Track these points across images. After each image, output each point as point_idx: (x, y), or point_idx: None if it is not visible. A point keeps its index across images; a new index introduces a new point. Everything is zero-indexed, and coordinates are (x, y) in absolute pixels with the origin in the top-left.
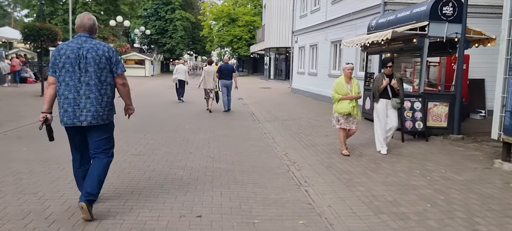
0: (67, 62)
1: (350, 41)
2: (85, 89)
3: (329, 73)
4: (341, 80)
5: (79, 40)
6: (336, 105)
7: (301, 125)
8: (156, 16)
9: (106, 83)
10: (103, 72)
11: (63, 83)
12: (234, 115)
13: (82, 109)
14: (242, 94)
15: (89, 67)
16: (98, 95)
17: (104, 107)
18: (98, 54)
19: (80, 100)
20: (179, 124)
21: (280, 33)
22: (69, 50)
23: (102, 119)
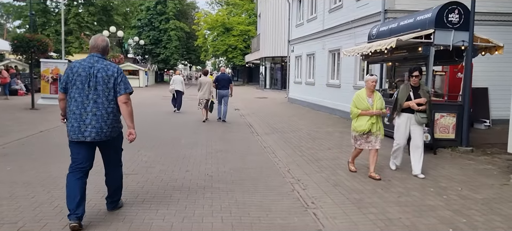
0: (78, 79)
1: (350, 50)
2: (92, 106)
3: (327, 83)
4: (361, 94)
5: (91, 60)
6: (354, 123)
7: (302, 137)
8: (150, 26)
9: (113, 102)
10: (111, 92)
11: (72, 99)
12: (231, 127)
13: (87, 125)
14: (238, 104)
15: (98, 86)
16: (104, 113)
17: (109, 125)
18: (107, 74)
19: (86, 117)
20: (175, 138)
21: (276, 43)
22: (81, 68)
23: (105, 136)
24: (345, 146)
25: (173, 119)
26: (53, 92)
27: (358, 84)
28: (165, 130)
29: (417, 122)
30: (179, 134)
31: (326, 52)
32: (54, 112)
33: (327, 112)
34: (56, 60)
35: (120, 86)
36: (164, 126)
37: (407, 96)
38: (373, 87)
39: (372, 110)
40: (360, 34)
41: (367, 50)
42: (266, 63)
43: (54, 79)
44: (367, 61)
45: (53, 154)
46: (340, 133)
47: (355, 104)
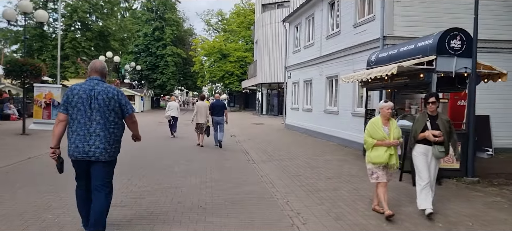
0: (79, 101)
1: (349, 76)
2: (95, 128)
3: (325, 109)
4: (376, 122)
5: (91, 83)
6: (369, 153)
7: (300, 165)
8: (147, 52)
9: (114, 123)
10: (111, 113)
11: (75, 121)
12: (227, 154)
13: (91, 145)
14: (234, 130)
15: (99, 108)
16: (107, 134)
17: (111, 145)
18: (108, 96)
19: (90, 137)
20: (168, 165)
21: (272, 69)
22: (82, 91)
23: (109, 156)
24: (345, 175)
25: (167, 145)
26: (45, 117)
27: (356, 111)
28: (159, 156)
29: (435, 156)
30: (173, 161)
31: (323, 79)
32: (45, 137)
33: (325, 139)
34: (49, 85)
35: (126, 107)
36: (157, 152)
37: (423, 126)
38: (389, 115)
39: (389, 141)
40: (358, 60)
41: (366, 76)
42: (263, 90)
43: (47, 104)
44: (366, 88)
45: (38, 182)
46: (338, 161)
47: (370, 134)
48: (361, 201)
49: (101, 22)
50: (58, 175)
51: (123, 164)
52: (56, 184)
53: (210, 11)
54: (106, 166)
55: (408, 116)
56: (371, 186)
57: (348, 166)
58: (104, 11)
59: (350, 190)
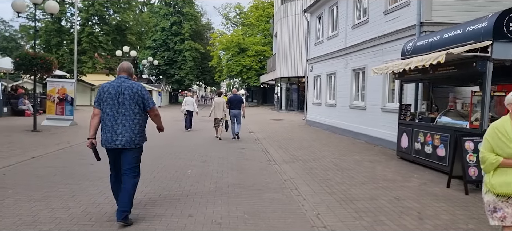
0: (109, 97)
1: (382, 67)
2: (121, 119)
3: (350, 105)
4: (504, 128)
5: (119, 80)
6: (489, 178)
7: (327, 167)
8: (165, 46)
9: (139, 115)
10: (136, 106)
11: (105, 113)
12: (246, 153)
13: (118, 135)
14: (253, 127)
15: (125, 101)
16: (132, 124)
17: (136, 134)
18: (133, 91)
19: (117, 128)
20: (180, 167)
21: (292, 62)
22: (111, 88)
23: (134, 143)
24: (380, 180)
25: (181, 143)
26: (59, 113)
27: (387, 106)
28: (171, 156)
29: None
30: (186, 162)
31: (349, 71)
32: (56, 134)
33: (351, 137)
34: (62, 80)
35: (148, 102)
36: (170, 152)
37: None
38: None
39: None
40: (389, 50)
41: (404, 66)
42: (282, 84)
43: (61, 100)
44: (401, 80)
45: (33, 188)
46: (370, 163)
47: (492, 147)
48: (407, 215)
49: (118, 16)
50: (56, 179)
51: None
52: (52, 190)
53: (228, 5)
54: (132, 153)
55: (452, 112)
56: (415, 195)
57: (381, 168)
58: (121, 5)
59: (390, 199)
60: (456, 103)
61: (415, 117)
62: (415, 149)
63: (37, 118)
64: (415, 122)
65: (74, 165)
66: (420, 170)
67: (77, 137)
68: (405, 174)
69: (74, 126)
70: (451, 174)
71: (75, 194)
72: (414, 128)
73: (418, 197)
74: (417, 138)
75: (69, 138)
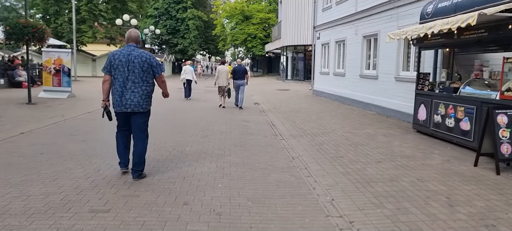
0: (119, 64)
1: (399, 32)
2: (130, 85)
3: (361, 74)
4: None
5: (129, 49)
6: None
7: (338, 142)
8: (167, 15)
9: (146, 82)
10: (145, 74)
11: (116, 80)
12: (250, 127)
13: (127, 99)
14: (258, 98)
15: (135, 69)
16: (140, 90)
17: (144, 99)
18: (142, 60)
19: (126, 93)
20: (178, 143)
21: (298, 30)
22: (122, 55)
23: (142, 108)
24: (398, 157)
25: (182, 115)
26: (55, 84)
27: (401, 75)
28: (170, 131)
29: None
30: (186, 137)
31: (359, 38)
32: (52, 107)
33: (361, 108)
34: (58, 50)
35: (157, 69)
36: (170, 126)
37: None
38: None
39: None
40: (404, 15)
41: (426, 30)
42: (288, 53)
43: (57, 70)
44: (419, 46)
45: (14, 169)
46: (384, 137)
47: None
48: (434, 200)
49: None
50: (41, 159)
51: None
52: (33, 172)
53: None
54: (141, 116)
55: (477, 81)
56: (440, 175)
57: (397, 143)
58: None
59: (412, 180)
60: (483, 71)
61: (435, 86)
62: (435, 122)
63: (34, 90)
64: (434, 92)
65: (64, 142)
66: (441, 145)
67: (73, 110)
68: (425, 149)
69: (72, 98)
70: (480, 151)
71: (58, 176)
72: (434, 99)
73: (444, 177)
74: (437, 110)
75: (65, 111)
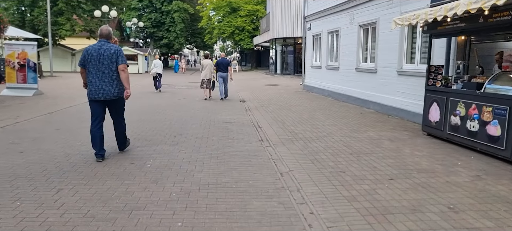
0: (92, 58)
1: (408, 17)
2: (101, 76)
3: (357, 67)
4: None
5: (100, 44)
6: None
7: (337, 150)
8: (152, 7)
9: (116, 72)
10: (113, 65)
11: (89, 73)
12: (232, 131)
13: (100, 89)
14: (244, 94)
15: (104, 61)
16: (110, 80)
17: (114, 88)
18: (110, 53)
19: (99, 84)
20: (139, 154)
21: (288, 22)
22: (93, 50)
23: (113, 95)
24: (414, 172)
25: (153, 117)
26: (20, 81)
27: (404, 68)
28: (136, 136)
29: None
30: (151, 145)
31: (355, 28)
32: (10, 107)
33: (358, 105)
34: (22, 42)
35: (119, 59)
36: (137, 129)
37: None
38: None
39: None
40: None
41: (445, 12)
42: (277, 46)
43: (22, 66)
44: (431, 33)
45: None
46: (391, 142)
47: None
48: None
49: None
50: None
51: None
52: None
53: None
54: (115, 103)
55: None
56: (475, 199)
57: (408, 151)
58: None
59: (442, 211)
60: None
61: (449, 81)
62: (452, 124)
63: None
64: (451, 88)
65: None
66: (462, 154)
67: (33, 110)
68: (444, 160)
69: (38, 96)
70: None
71: None
72: (451, 97)
73: (482, 204)
74: (455, 109)
75: (23, 111)
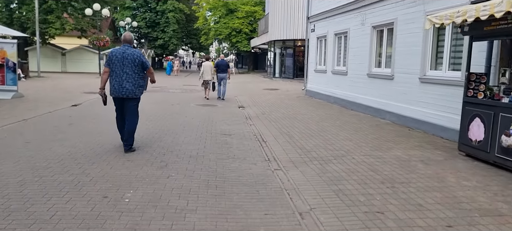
0: (116, 60)
1: (451, 13)
2: (125, 77)
3: (369, 72)
4: None
5: (124, 48)
6: None
7: (363, 176)
8: (146, 7)
9: (137, 74)
10: (136, 68)
11: (114, 73)
12: (232, 146)
13: (123, 87)
14: (243, 99)
15: (128, 64)
16: (132, 80)
17: (136, 87)
18: (134, 57)
19: (121, 82)
20: (117, 183)
21: (288, 23)
22: (118, 53)
23: (134, 94)
24: (474, 214)
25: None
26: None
27: (428, 75)
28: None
29: None
30: (134, 169)
31: (367, 29)
32: None
33: (370, 114)
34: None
35: (146, 64)
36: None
37: None
38: None
39: None
40: None
41: (509, 7)
42: (276, 48)
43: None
44: (472, 35)
45: None
46: (424, 164)
47: None
48: None
49: None
50: None
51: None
52: None
53: None
54: (133, 101)
55: None
56: None
57: (453, 179)
58: None
59: None
60: None
61: (494, 93)
62: (503, 146)
63: None
64: (499, 101)
65: None
66: None
67: (6, 116)
68: (505, 194)
69: (17, 99)
70: None
71: None
72: (501, 112)
73: None
74: (508, 128)
75: None
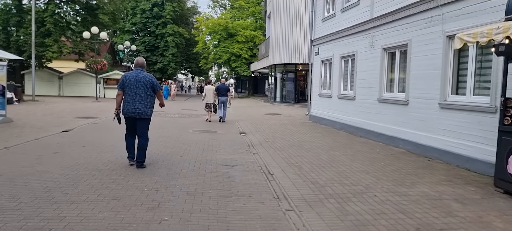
0: (130, 83)
1: (489, 30)
2: (138, 98)
3: (380, 97)
4: None
5: (136, 72)
6: None
7: (394, 221)
8: (145, 31)
9: (150, 95)
10: (148, 90)
11: (127, 95)
12: (235, 180)
13: (136, 108)
14: (244, 125)
15: (141, 86)
16: (145, 102)
17: (148, 108)
18: (146, 80)
19: (134, 103)
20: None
21: (289, 47)
22: (131, 77)
23: (146, 114)
24: None
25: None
26: None
27: (449, 100)
28: (98, 194)
29: None
30: (120, 210)
31: (377, 52)
32: None
33: (381, 142)
34: None
35: (157, 87)
36: (109, 181)
37: None
38: None
39: None
40: (455, 16)
41: None
42: (277, 72)
43: None
44: (508, 56)
45: None
46: (460, 204)
47: None
48: None
49: None
50: None
51: None
52: None
53: None
54: (145, 121)
55: None
56: None
57: (502, 225)
58: None
59: None
60: None
61: None
62: None
63: None
64: None
65: None
66: None
67: None
68: None
69: (5, 124)
70: None
71: None
72: None
73: None
74: None
75: None
